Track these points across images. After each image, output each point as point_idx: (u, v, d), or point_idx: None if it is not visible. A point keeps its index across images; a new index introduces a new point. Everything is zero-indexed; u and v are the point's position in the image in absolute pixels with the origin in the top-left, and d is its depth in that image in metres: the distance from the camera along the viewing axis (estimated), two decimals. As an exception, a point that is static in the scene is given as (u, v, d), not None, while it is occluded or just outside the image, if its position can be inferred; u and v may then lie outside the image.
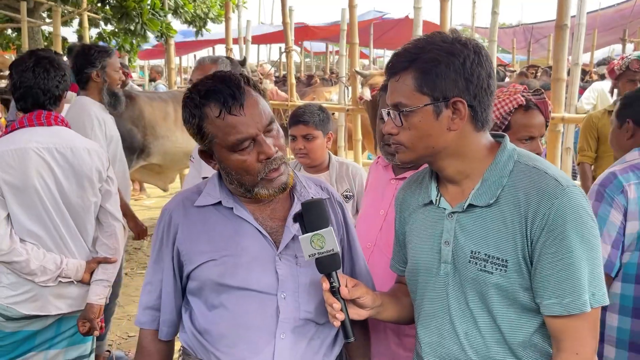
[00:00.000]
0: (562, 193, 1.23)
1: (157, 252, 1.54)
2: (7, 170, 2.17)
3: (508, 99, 2.04)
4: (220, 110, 1.37)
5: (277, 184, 1.43)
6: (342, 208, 1.63)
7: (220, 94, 1.37)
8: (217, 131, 1.39)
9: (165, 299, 1.54)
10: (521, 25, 16.63)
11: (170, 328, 1.57)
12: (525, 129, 1.99)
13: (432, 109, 1.28)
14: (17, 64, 2.32)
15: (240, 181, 1.43)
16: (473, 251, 1.30)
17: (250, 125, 1.38)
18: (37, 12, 9.61)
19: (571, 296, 1.22)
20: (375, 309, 1.43)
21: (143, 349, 1.58)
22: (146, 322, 1.57)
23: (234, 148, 1.39)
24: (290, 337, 1.43)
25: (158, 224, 1.55)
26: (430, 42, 1.29)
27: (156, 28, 6.27)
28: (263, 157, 1.39)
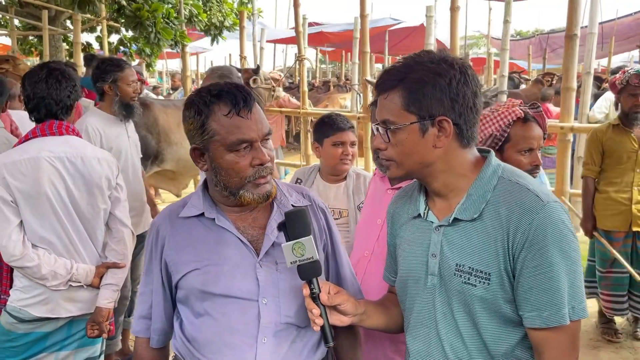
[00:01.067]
0: (543, 208, 1.26)
1: (147, 264, 1.62)
2: (20, 178, 2.26)
3: (507, 112, 2.09)
4: (230, 110, 1.43)
5: (262, 190, 1.48)
6: (324, 214, 1.68)
7: (233, 96, 1.44)
8: (221, 129, 1.44)
9: (155, 308, 1.61)
10: (537, 35, 16.55)
11: (161, 336, 1.63)
12: (525, 140, 2.06)
13: (418, 127, 1.32)
14: (30, 76, 2.40)
15: (226, 183, 1.48)
16: (458, 264, 1.34)
17: (253, 130, 1.45)
18: (59, 20, 9.84)
19: (551, 309, 1.25)
20: (357, 316, 1.47)
21: (138, 356, 1.66)
22: (140, 331, 1.64)
23: (232, 147, 1.44)
24: (271, 340, 1.48)
25: (147, 237, 1.62)
26: (418, 61, 1.33)
27: (170, 37, 6.40)
28: (257, 162, 1.45)
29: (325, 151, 2.74)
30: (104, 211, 2.48)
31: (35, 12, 9.45)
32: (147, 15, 6.11)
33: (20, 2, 9.50)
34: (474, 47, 36.56)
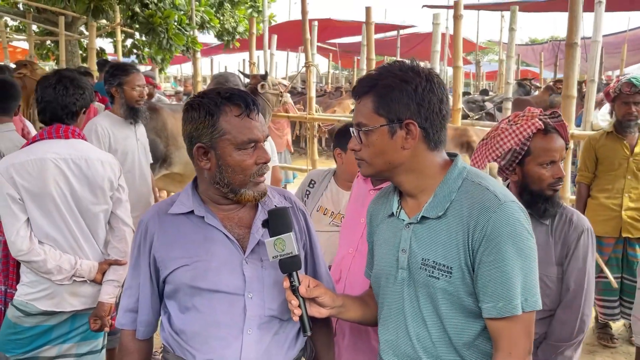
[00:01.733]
0: (499, 207, 1.36)
1: (135, 259, 1.70)
2: (26, 178, 2.38)
3: (526, 124, 2.03)
4: (242, 112, 1.56)
5: (261, 189, 1.62)
6: (304, 216, 1.78)
7: (244, 99, 1.58)
8: (232, 129, 1.55)
9: (142, 301, 1.69)
10: (550, 41, 16.51)
11: (147, 328, 1.72)
12: (546, 153, 2.01)
13: (387, 129, 1.43)
14: (42, 80, 2.55)
15: (230, 180, 1.58)
16: (424, 258, 1.44)
17: (260, 131, 1.59)
18: (75, 25, 10.08)
19: (504, 300, 1.35)
20: (335, 309, 1.57)
21: (123, 347, 1.75)
22: (126, 324, 1.73)
23: (241, 146, 1.56)
24: (256, 332, 1.58)
25: (135, 234, 1.71)
26: (388, 70, 1.45)
27: (182, 43, 6.57)
28: (260, 160, 1.58)
29: (350, 159, 2.66)
30: (105, 211, 2.59)
31: (52, 18, 9.70)
32: (159, 22, 6.27)
33: (38, 9, 9.76)
34: (489, 53, 36.43)
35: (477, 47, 19.02)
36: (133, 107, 3.52)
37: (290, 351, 1.64)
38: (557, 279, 2.04)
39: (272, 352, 1.60)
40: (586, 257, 2.03)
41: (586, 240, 2.02)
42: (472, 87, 19.55)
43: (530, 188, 2.04)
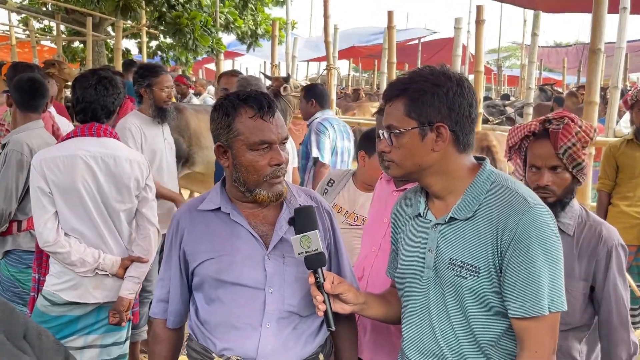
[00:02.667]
0: (529, 210, 1.41)
1: (167, 253, 1.79)
2: (56, 172, 2.48)
3: (524, 126, 2.01)
4: (255, 113, 1.61)
5: (276, 190, 1.65)
6: (329, 216, 1.83)
7: (259, 101, 1.62)
8: (245, 130, 1.61)
9: (172, 292, 1.78)
10: (574, 45, 16.30)
11: (177, 318, 1.81)
12: (531, 157, 1.98)
13: (418, 132, 1.47)
14: (81, 81, 2.62)
15: (245, 179, 1.64)
16: (451, 258, 1.48)
17: (273, 133, 1.62)
18: (102, 26, 10.29)
19: (532, 300, 1.39)
20: (359, 306, 1.62)
21: (155, 335, 1.84)
22: (158, 313, 1.82)
23: (253, 147, 1.61)
24: (274, 326, 1.64)
25: (169, 228, 1.79)
26: (419, 74, 1.50)
27: (207, 43, 6.67)
28: (274, 162, 1.62)
29: (373, 164, 2.70)
30: (129, 209, 2.67)
31: (80, 19, 9.92)
32: (186, 23, 6.38)
33: (67, 9, 9.99)
34: (511, 58, 36.10)
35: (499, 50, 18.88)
36: (161, 108, 3.61)
37: (308, 346, 1.69)
38: (582, 295, 1.92)
39: (289, 345, 1.65)
40: (622, 272, 1.91)
41: (619, 256, 1.90)
42: (493, 92, 19.42)
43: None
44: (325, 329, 1.71)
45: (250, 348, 1.62)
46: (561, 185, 1.92)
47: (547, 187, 1.91)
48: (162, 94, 3.59)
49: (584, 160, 1.92)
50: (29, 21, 12.19)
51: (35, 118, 3.09)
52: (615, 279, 1.90)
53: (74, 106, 2.62)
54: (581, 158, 1.90)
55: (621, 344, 1.90)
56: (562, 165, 1.91)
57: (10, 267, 3.03)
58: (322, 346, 1.75)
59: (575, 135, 1.89)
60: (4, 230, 2.93)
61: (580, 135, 1.89)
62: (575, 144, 1.89)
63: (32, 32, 10.67)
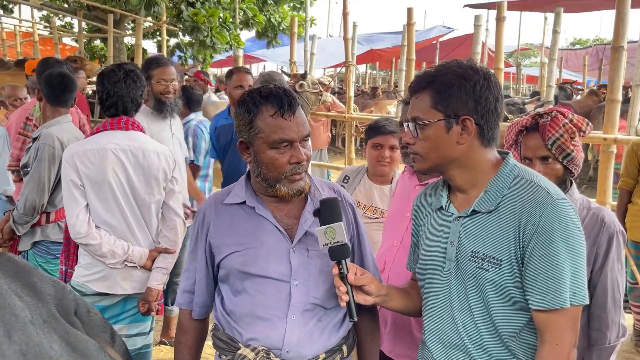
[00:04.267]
0: (552, 204, 1.41)
1: (193, 245, 1.82)
2: (88, 165, 2.54)
3: (518, 122, 2.12)
4: (276, 111, 1.62)
5: (297, 186, 1.67)
6: (353, 209, 1.85)
7: (280, 99, 1.63)
8: (265, 127, 1.62)
9: (198, 284, 1.81)
10: (594, 45, 16.10)
11: (202, 309, 1.84)
12: (523, 150, 2.09)
13: (444, 124, 1.49)
14: (110, 75, 2.65)
15: (266, 175, 1.67)
16: (473, 251, 1.49)
17: (294, 131, 1.63)
18: (122, 23, 10.42)
19: (553, 293, 1.39)
20: (380, 297, 1.65)
21: (181, 325, 1.87)
22: (184, 304, 1.85)
23: (273, 145, 1.62)
24: (299, 318, 1.67)
25: (195, 221, 1.82)
26: (447, 67, 1.51)
27: (224, 40, 6.71)
28: (294, 160, 1.64)
29: (367, 152, 2.92)
30: (158, 201, 2.73)
31: (101, 16, 10.05)
32: (203, 20, 6.43)
33: (88, 6, 10.12)
34: (531, 56, 35.77)
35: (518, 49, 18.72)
36: (159, 100, 3.53)
37: (333, 337, 1.72)
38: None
39: (313, 337, 1.68)
40: (621, 259, 2.03)
41: (619, 242, 2.01)
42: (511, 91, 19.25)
43: None
44: (348, 321, 1.74)
45: (276, 339, 1.65)
46: (552, 176, 2.01)
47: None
48: (158, 86, 3.51)
49: (573, 150, 2.01)
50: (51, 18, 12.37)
51: (64, 112, 3.15)
52: (614, 264, 1.99)
53: (102, 101, 2.66)
54: (570, 149, 2.00)
55: (612, 326, 1.99)
56: (551, 155, 2.00)
57: (39, 258, 3.11)
58: (345, 338, 1.77)
59: (562, 127, 2.00)
60: (34, 222, 3.00)
61: (568, 127, 2.00)
62: (563, 134, 2.00)
63: (54, 29, 10.83)
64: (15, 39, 13.19)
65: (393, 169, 2.90)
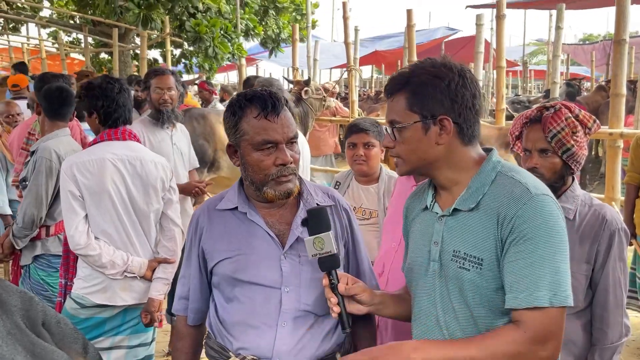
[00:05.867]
0: (530, 199, 1.36)
1: (187, 251, 1.81)
2: (87, 176, 2.54)
3: (523, 114, 2.11)
4: (259, 113, 1.60)
5: (284, 188, 1.64)
6: (347, 214, 1.82)
7: (264, 100, 1.62)
8: (250, 129, 1.61)
9: (193, 290, 1.80)
10: (601, 41, 15.94)
11: (197, 315, 1.83)
12: (524, 141, 2.07)
13: (421, 126, 1.45)
14: (108, 88, 2.64)
15: (253, 178, 1.65)
16: (455, 250, 1.45)
17: (278, 132, 1.61)
18: (127, 37, 10.52)
19: (526, 291, 1.32)
20: (374, 306, 1.60)
21: (177, 331, 1.87)
22: (180, 310, 1.84)
23: (258, 147, 1.61)
24: (290, 325, 1.64)
25: (188, 227, 1.82)
26: (420, 67, 1.47)
27: (227, 50, 6.74)
28: (279, 161, 1.61)
29: (346, 153, 2.92)
30: (157, 210, 2.73)
31: (106, 31, 10.16)
32: (205, 30, 6.46)
33: (94, 22, 10.24)
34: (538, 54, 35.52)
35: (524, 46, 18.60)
36: (158, 109, 3.55)
37: (324, 345, 1.69)
38: (585, 277, 1.97)
39: (305, 345, 1.65)
40: (623, 257, 1.98)
41: (621, 240, 1.97)
42: (519, 89, 19.13)
43: None
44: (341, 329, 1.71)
45: (265, 347, 1.63)
46: (550, 169, 2.00)
47: (536, 169, 1.99)
48: (155, 95, 3.53)
49: (574, 146, 1.97)
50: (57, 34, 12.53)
51: (62, 126, 3.17)
52: (615, 262, 1.95)
53: (104, 113, 2.64)
54: (570, 143, 1.96)
55: (614, 326, 1.96)
56: (550, 148, 1.97)
57: (40, 271, 3.11)
58: (339, 345, 1.74)
59: (565, 121, 1.96)
60: (33, 235, 3.02)
61: (570, 121, 1.97)
62: (564, 128, 1.96)
63: (61, 45, 10.97)
64: (23, 56, 13.39)
65: (372, 166, 2.84)
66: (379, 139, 2.82)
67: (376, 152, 2.82)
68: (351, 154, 2.85)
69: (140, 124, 3.56)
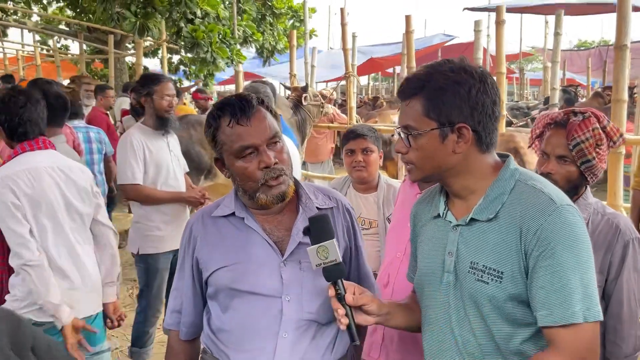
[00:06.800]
0: (555, 210, 1.30)
1: (181, 261, 1.73)
2: (27, 184, 2.39)
3: (549, 115, 2.03)
4: (230, 120, 1.54)
5: (276, 192, 1.56)
6: (350, 215, 1.75)
7: (232, 106, 1.55)
8: (226, 139, 1.55)
9: (185, 302, 1.71)
10: (596, 47, 16.00)
11: (190, 329, 1.73)
12: (544, 143, 1.99)
13: (438, 133, 1.37)
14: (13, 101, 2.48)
15: (243, 187, 1.59)
16: (472, 262, 1.38)
17: (254, 135, 1.53)
18: (123, 43, 10.46)
19: (560, 307, 1.26)
20: (382, 317, 1.53)
21: (170, 348, 1.78)
22: (172, 324, 1.75)
23: (238, 154, 1.54)
24: (292, 336, 1.56)
25: (182, 236, 1.73)
26: (438, 70, 1.38)
27: (225, 55, 6.69)
28: (263, 165, 1.54)
29: (344, 161, 2.84)
30: (90, 215, 2.64)
31: (102, 37, 10.11)
32: (202, 36, 6.41)
33: (89, 28, 10.18)
34: (533, 61, 35.70)
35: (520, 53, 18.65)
36: (163, 117, 3.47)
37: (326, 357, 1.61)
38: (597, 288, 1.91)
39: (307, 356, 1.57)
40: (637, 267, 1.92)
41: (635, 250, 1.91)
42: (515, 96, 19.15)
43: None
44: (346, 338, 1.62)
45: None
46: (565, 178, 1.92)
47: (550, 175, 1.92)
48: (162, 102, 3.44)
49: (595, 158, 1.89)
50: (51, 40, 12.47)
51: (59, 132, 3.09)
52: (630, 273, 1.89)
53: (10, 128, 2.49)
54: (591, 155, 1.88)
55: (628, 338, 1.90)
56: (570, 157, 1.89)
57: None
58: (344, 357, 1.67)
59: (591, 131, 1.88)
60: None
61: (597, 132, 1.89)
62: (588, 139, 1.88)
63: (55, 52, 10.90)
64: (17, 63, 13.30)
65: (371, 172, 2.77)
66: (376, 145, 2.77)
67: (375, 158, 2.76)
68: (350, 160, 2.78)
69: (139, 133, 3.44)
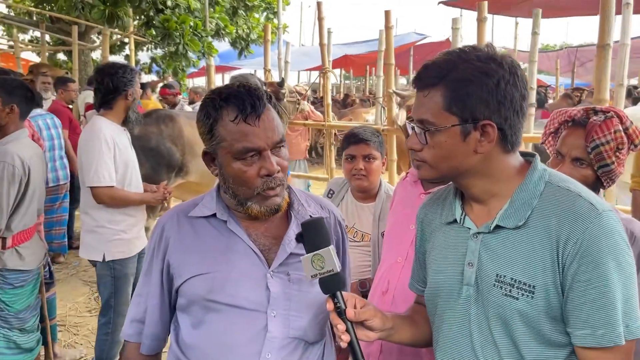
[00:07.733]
0: (597, 217, 1.16)
1: (147, 264, 1.52)
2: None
3: (567, 111, 1.90)
4: (237, 116, 1.35)
5: (271, 204, 1.40)
6: (341, 227, 1.60)
7: (242, 100, 1.36)
8: (227, 135, 1.36)
9: (150, 311, 1.51)
10: (565, 48, 16.30)
11: (154, 342, 1.54)
12: (559, 143, 1.85)
13: (459, 130, 1.22)
14: None
15: (235, 191, 1.41)
16: (498, 274, 1.23)
17: (261, 138, 1.36)
18: (88, 35, 10.06)
19: (605, 328, 1.14)
20: (385, 332, 1.37)
21: None
22: (132, 335, 1.54)
23: (239, 156, 1.36)
24: (276, 356, 1.38)
25: (151, 236, 1.53)
26: (463, 58, 1.22)
27: (197, 48, 6.46)
28: (264, 172, 1.37)
29: (343, 166, 2.61)
30: None
31: (65, 28, 9.69)
32: (174, 26, 6.17)
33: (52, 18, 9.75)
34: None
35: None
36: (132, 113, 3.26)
37: None
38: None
39: None
40: None
41: None
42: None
43: None
44: (333, 355, 1.47)
45: None
46: (579, 181, 1.80)
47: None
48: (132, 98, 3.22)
49: (614, 162, 1.76)
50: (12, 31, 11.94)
51: (22, 126, 2.88)
52: None
53: None
54: (611, 159, 1.75)
55: None
56: (587, 160, 1.76)
57: (-7, 287, 2.80)
58: None
59: (613, 134, 1.75)
60: (-13, 248, 2.70)
61: (619, 135, 1.76)
62: (609, 141, 1.74)
63: (16, 43, 10.41)
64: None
65: (372, 181, 2.53)
66: (380, 151, 2.51)
67: (377, 166, 2.51)
68: (349, 167, 2.53)
69: (106, 128, 3.15)
